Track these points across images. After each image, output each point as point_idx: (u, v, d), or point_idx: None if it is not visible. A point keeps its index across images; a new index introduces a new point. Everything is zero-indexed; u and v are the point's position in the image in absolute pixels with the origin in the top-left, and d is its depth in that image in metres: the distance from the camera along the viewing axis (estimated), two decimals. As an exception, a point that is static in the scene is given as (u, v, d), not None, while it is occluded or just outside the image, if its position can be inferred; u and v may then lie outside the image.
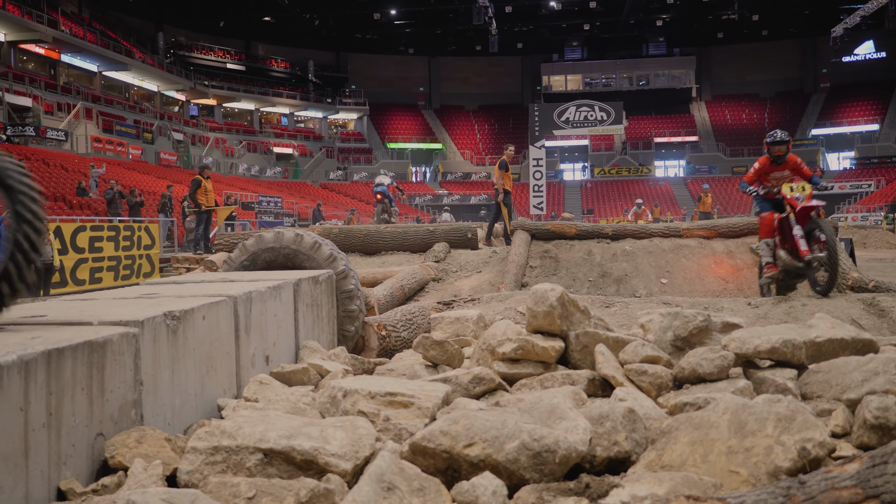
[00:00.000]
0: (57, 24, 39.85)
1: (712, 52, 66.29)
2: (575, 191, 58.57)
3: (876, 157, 55.70)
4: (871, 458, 1.56)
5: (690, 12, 58.47)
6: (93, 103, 41.60)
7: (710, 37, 64.03)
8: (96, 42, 43.41)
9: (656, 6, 57.83)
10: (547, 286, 3.15)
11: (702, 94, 66.64)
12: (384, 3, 55.40)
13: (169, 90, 52.94)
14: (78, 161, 31.89)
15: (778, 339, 2.74)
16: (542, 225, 10.06)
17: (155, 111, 49.37)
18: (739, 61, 65.69)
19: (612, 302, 6.01)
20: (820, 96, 63.79)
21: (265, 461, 2.00)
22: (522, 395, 2.67)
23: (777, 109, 64.39)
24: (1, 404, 1.72)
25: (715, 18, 59.88)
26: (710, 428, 2.08)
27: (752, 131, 62.64)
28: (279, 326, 3.54)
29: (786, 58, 65.01)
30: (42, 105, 36.70)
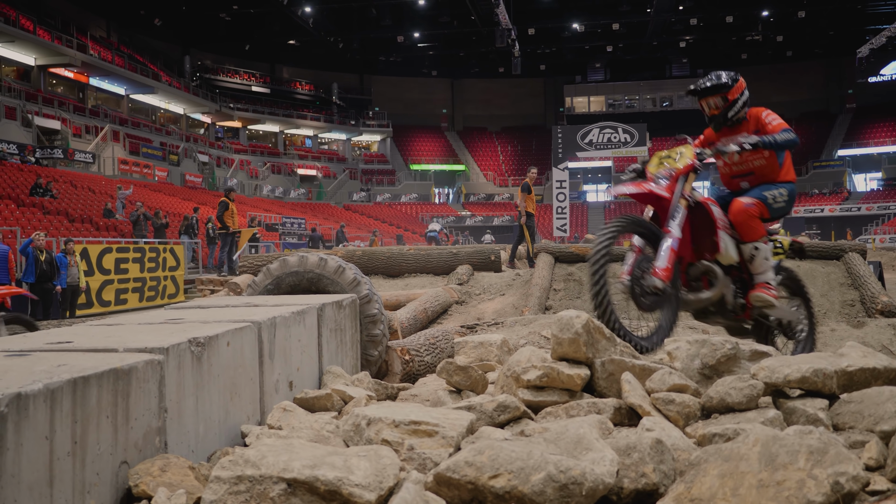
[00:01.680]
0: (86, 49, 40.60)
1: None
2: (598, 212, 58.41)
3: (904, 178, 55.15)
4: (908, 495, 1.52)
5: (714, 33, 58.40)
6: (120, 126, 42.23)
7: (733, 58, 63.83)
8: (124, 66, 44.16)
9: (679, 28, 57.83)
10: (572, 313, 3.12)
11: (726, 115, 66.30)
12: (407, 26, 55.87)
13: (195, 112, 53.62)
14: (105, 183, 32.34)
15: (808, 368, 2.69)
16: (566, 247, 10.02)
17: (181, 133, 50.00)
18: (764, 82, 65.36)
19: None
20: (846, 117, 63.31)
21: (289, 491, 1.98)
22: (548, 424, 2.64)
23: (802, 130, 63.88)
24: (27, 433, 1.72)
25: (739, 39, 59.76)
26: (739, 460, 2.04)
27: (776, 152, 62.07)
28: (303, 352, 3.53)
29: (811, 79, 64.66)
30: (70, 128, 37.34)
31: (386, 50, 61.94)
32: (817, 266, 8.89)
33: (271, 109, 59.09)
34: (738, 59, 63.85)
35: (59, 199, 24.79)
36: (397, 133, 65.39)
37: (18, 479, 1.70)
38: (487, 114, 69.28)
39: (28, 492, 1.72)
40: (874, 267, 9.14)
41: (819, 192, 57.15)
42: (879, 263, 9.79)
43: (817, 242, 10.06)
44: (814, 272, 8.77)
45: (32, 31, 36.99)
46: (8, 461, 1.67)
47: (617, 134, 50.36)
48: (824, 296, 8.34)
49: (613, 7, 54.29)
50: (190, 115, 53.42)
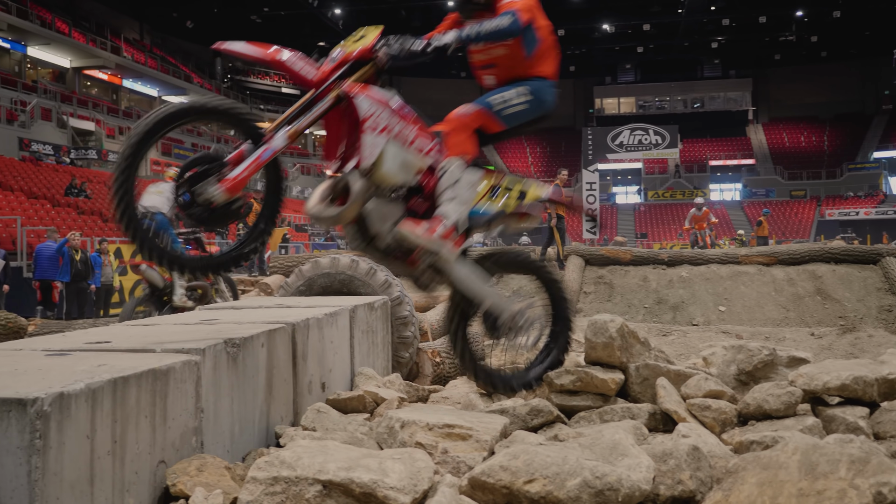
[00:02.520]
0: (119, 51, 41.19)
1: (769, 74, 65.27)
2: (628, 214, 58.01)
3: (944, 181, 54.17)
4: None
5: (746, 34, 57.73)
6: (153, 127, 42.72)
7: (766, 59, 63.07)
8: (156, 68, 44.72)
9: (711, 28, 57.26)
10: (606, 317, 3.10)
11: (758, 116, 65.58)
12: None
13: (226, 114, 54.02)
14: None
15: (848, 375, 2.65)
16: (597, 250, 9.97)
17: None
18: (797, 83, 64.52)
19: (670, 331, 5.92)
20: (882, 118, 62.27)
21: (324, 493, 1.99)
22: (582, 429, 2.63)
23: (837, 132, 63.03)
24: (69, 432, 1.74)
25: (772, 40, 59.02)
26: (779, 468, 2.01)
27: (811, 155, 61.39)
28: (335, 353, 3.55)
29: (845, 79, 63.67)
30: (104, 129, 37.89)
31: (416, 51, 62.07)
32: (853, 270, 8.76)
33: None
34: (771, 59, 63.07)
35: (93, 199, 25.14)
36: (427, 134, 65.48)
37: (61, 478, 1.72)
38: (516, 115, 69.09)
39: (70, 490, 1.74)
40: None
41: (854, 194, 56.25)
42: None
43: (853, 247, 9.92)
44: (850, 277, 8.64)
45: (68, 34, 37.60)
46: (51, 459, 1.69)
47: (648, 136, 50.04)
48: (861, 301, 8.22)
49: (644, 7, 53.87)
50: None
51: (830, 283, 8.54)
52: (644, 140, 49.44)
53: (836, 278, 8.61)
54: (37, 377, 1.91)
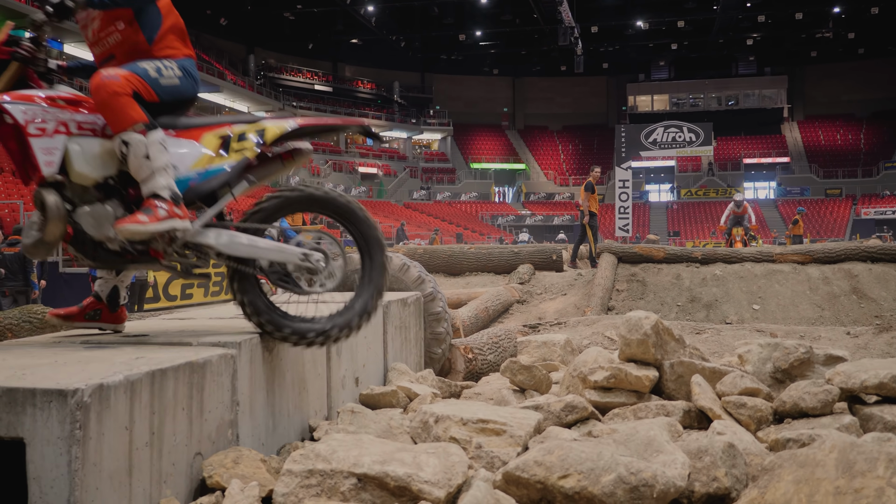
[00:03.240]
0: (155, 49, 41.65)
1: (805, 71, 64.33)
2: (661, 212, 57.54)
3: (981, 179, 53.07)
4: None
5: (782, 31, 56.92)
6: (188, 124, 43.20)
7: (802, 56, 62.13)
8: (192, 65, 45.17)
9: (746, 25, 56.53)
10: (641, 314, 3.08)
11: (794, 114, 64.67)
12: (469, 24, 55.87)
13: (259, 111, 54.50)
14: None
15: (887, 373, 2.61)
16: (629, 248, 9.90)
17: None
18: (834, 80, 63.49)
19: (703, 329, 5.86)
20: (921, 116, 61.16)
21: (359, 486, 2.00)
22: (616, 426, 2.61)
23: (873, 130, 61.95)
24: (108, 423, 1.77)
25: (808, 37, 58.14)
26: (815, 466, 1.99)
27: (846, 153, 60.42)
28: (368, 348, 3.56)
29: (883, 77, 62.51)
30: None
31: (447, 48, 62.03)
32: (890, 269, 8.60)
33: (333, 108, 59.70)
34: (808, 56, 62.12)
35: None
36: (458, 132, 65.44)
37: (100, 468, 1.75)
38: (549, 112, 68.82)
39: (109, 480, 1.77)
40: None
41: (891, 193, 55.27)
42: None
43: (890, 245, 9.74)
44: (886, 276, 8.49)
45: (103, 33, 38.10)
46: (90, 450, 1.72)
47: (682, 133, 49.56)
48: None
49: (678, 4, 53.36)
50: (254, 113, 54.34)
51: (866, 282, 8.39)
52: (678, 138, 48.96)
53: (873, 277, 8.47)
54: (76, 369, 1.94)
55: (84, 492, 1.69)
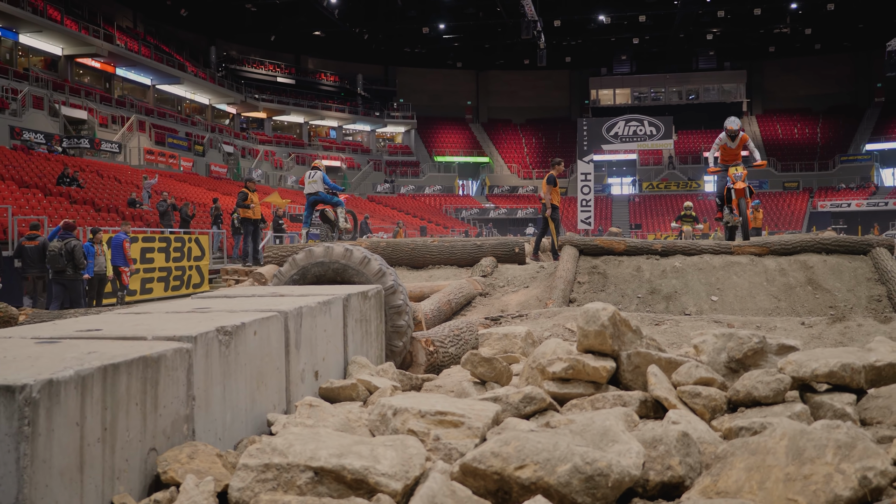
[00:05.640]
0: (113, 39, 40.96)
1: (764, 65, 65.35)
2: (623, 205, 58.11)
3: (933, 173, 54.40)
4: (939, 491, 1.50)
5: (741, 26, 57.75)
6: (146, 116, 42.59)
7: (761, 50, 63.11)
8: (150, 56, 44.50)
9: (707, 20, 57.22)
10: (598, 305, 3.10)
11: (753, 108, 65.69)
12: (433, 17, 55.80)
13: (220, 103, 53.96)
14: (131, 173, 32.65)
15: (836, 362, 2.67)
16: (591, 240, 9.97)
17: (206, 124, 50.33)
18: (791, 75, 64.60)
19: (662, 320, 5.92)
20: (874, 111, 62.44)
21: (316, 479, 1.99)
22: (573, 416, 2.63)
23: (830, 124, 63.16)
24: (58, 419, 1.74)
25: (766, 32, 59.05)
26: (766, 454, 2.03)
27: (804, 146, 61.51)
28: (328, 342, 3.55)
29: (839, 72, 63.78)
30: (97, 118, 37.72)
31: (411, 41, 61.91)
32: (844, 261, 8.78)
33: (296, 100, 59.30)
34: (766, 51, 63.12)
35: (85, 188, 25.05)
36: (422, 125, 65.40)
37: (50, 465, 1.72)
38: (512, 106, 69.07)
39: (59, 477, 1.74)
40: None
41: (846, 186, 56.46)
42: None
43: (844, 237, 9.94)
44: (841, 267, 8.67)
45: (60, 22, 37.35)
46: (40, 447, 1.69)
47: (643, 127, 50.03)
48: (851, 290, 8.24)
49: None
50: (215, 105, 53.74)
51: (821, 274, 8.56)
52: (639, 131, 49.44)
53: (827, 268, 8.64)
54: (26, 364, 1.91)
55: (33, 489, 1.66)
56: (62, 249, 12.25)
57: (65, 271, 12.26)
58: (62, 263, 12.23)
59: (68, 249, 12.30)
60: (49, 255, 12.25)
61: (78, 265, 12.42)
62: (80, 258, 12.43)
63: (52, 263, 12.27)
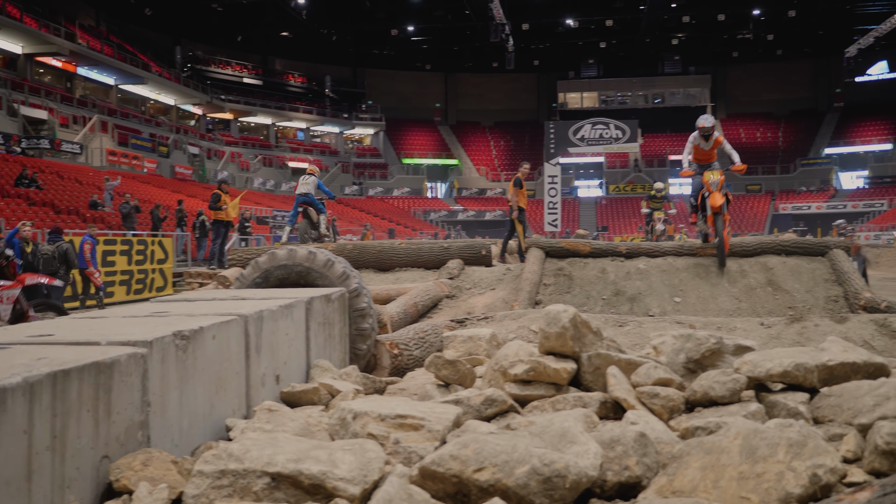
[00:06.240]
0: (74, 38, 40.29)
1: (728, 70, 66.24)
2: (590, 207, 58.49)
3: (889, 177, 55.60)
4: (882, 486, 1.53)
5: (706, 31, 58.50)
6: (108, 116, 41.98)
7: (725, 56, 63.99)
8: (113, 55, 43.88)
9: (672, 25, 57.90)
10: (559, 307, 3.12)
11: (717, 112, 66.51)
12: (401, 19, 55.77)
13: (185, 104, 53.40)
14: (92, 174, 32.15)
15: (790, 362, 2.71)
16: (556, 242, 10.01)
17: (171, 125, 49.77)
18: (754, 80, 65.56)
19: (626, 321, 5.97)
20: (834, 115, 63.62)
21: (272, 485, 1.98)
22: (534, 418, 2.64)
23: (791, 128, 64.19)
24: (4, 427, 1.71)
25: (730, 37, 59.90)
26: (721, 453, 2.05)
27: (766, 150, 62.45)
28: (290, 345, 3.52)
29: (800, 77, 64.87)
30: (57, 118, 37.08)
31: (380, 43, 61.78)
32: (803, 262, 8.93)
33: (263, 101, 58.89)
34: (730, 57, 64.02)
35: (45, 189, 24.61)
36: (390, 127, 65.27)
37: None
38: (481, 108, 69.21)
39: (5, 486, 1.71)
40: (858, 263, 9.18)
41: (807, 189, 57.46)
42: (864, 259, 9.83)
43: (803, 239, 10.11)
44: (799, 268, 8.81)
45: (19, 19, 36.59)
46: (-14, 454, 1.66)
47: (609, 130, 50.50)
48: (809, 291, 8.39)
49: (607, 3, 54.32)
50: (180, 106, 53.18)
51: (781, 275, 8.69)
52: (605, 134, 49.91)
53: (787, 270, 8.77)
54: (-26, 370, 1.87)
55: (-21, 498, 1.63)
56: (55, 252, 12.57)
57: (57, 273, 12.34)
58: (55, 266, 12.42)
59: (61, 252, 12.64)
60: (42, 259, 12.34)
61: (71, 266, 12.82)
62: (74, 260, 12.87)
63: (46, 266, 12.32)
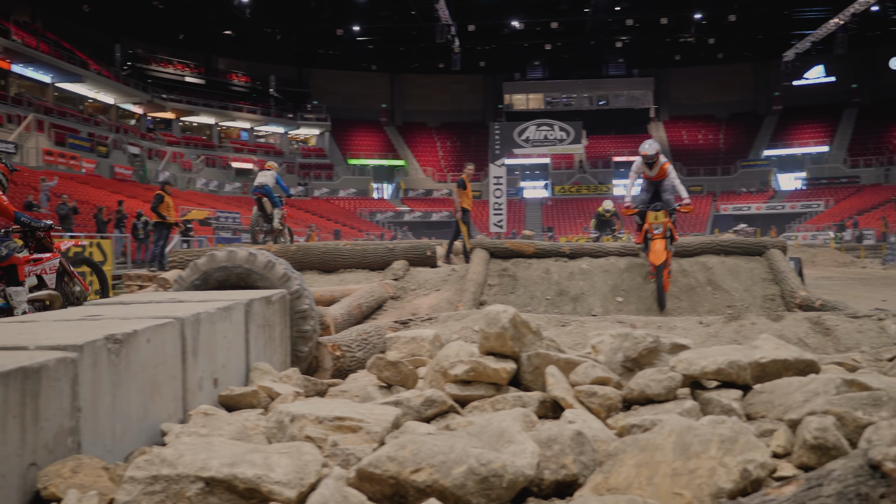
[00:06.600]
0: (8, 34, 39.14)
1: (670, 73, 67.44)
2: (536, 208, 58.97)
3: (825, 178, 57.25)
4: (807, 480, 1.57)
5: (649, 35, 59.49)
6: (45, 115, 40.87)
7: (668, 59, 65.15)
8: (50, 53, 42.71)
9: (616, 28, 58.73)
10: (499, 307, 3.14)
11: (660, 114, 67.71)
12: (347, 19, 55.46)
13: (125, 103, 52.29)
14: (28, 174, 31.26)
15: (724, 360, 2.77)
16: (501, 243, 10.08)
17: (110, 124, 48.70)
18: (696, 83, 66.89)
19: (568, 321, 6.03)
20: (772, 118, 65.27)
21: (206, 490, 1.95)
22: (473, 418, 2.65)
23: (732, 130, 65.65)
24: (-75, 434, 1.65)
25: (673, 41, 60.99)
26: (655, 450, 2.08)
27: (707, 152, 63.75)
28: (229, 348, 3.47)
29: (740, 80, 66.40)
30: (-9, 117, 36.01)
31: (325, 43, 61.35)
32: (741, 262, 9.15)
33: (206, 101, 58.00)
34: (672, 60, 65.18)
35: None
36: (336, 127, 64.88)
37: (-84, 482, 1.63)
38: (427, 109, 69.25)
39: (-74, 495, 1.66)
40: (794, 263, 9.43)
41: (747, 190, 58.86)
42: (799, 259, 10.11)
43: (741, 239, 10.36)
44: (738, 268, 9.02)
45: (-51, 16, 35.52)
46: None
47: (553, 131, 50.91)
48: (747, 290, 8.59)
49: (552, 6, 54.80)
50: (120, 105, 52.07)
51: (720, 274, 8.90)
52: (549, 135, 50.31)
53: (726, 269, 8.98)
54: None
55: None
56: None
57: None
58: None
59: None
60: None
61: None
62: None
63: None
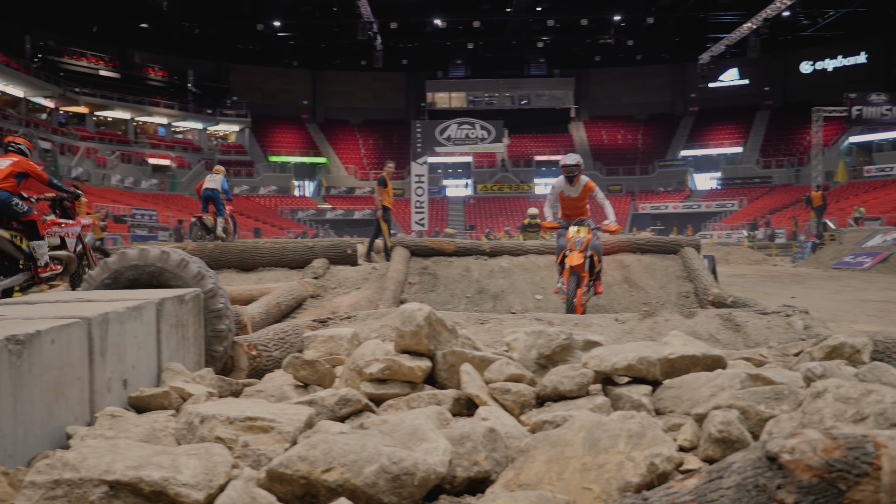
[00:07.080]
0: None
1: (590, 74, 68.68)
2: (458, 207, 59.24)
3: (739, 178, 59.22)
4: (708, 473, 1.62)
5: (570, 35, 60.41)
6: (-51, 108, 39.05)
7: (588, 59, 66.31)
8: (-49, 45, 40.82)
9: (537, 28, 59.45)
10: (415, 306, 3.15)
11: (580, 114, 68.88)
12: (267, 14, 54.60)
13: (36, 96, 50.36)
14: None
15: (634, 356, 2.85)
16: (422, 241, 10.11)
17: (20, 118, 46.84)
18: (615, 84, 68.31)
19: (487, 319, 6.08)
20: (689, 119, 67.15)
21: (111, 494, 1.90)
22: (387, 417, 2.66)
23: (650, 131, 67.28)
24: None
25: (593, 42, 62.11)
26: (565, 445, 2.13)
27: (626, 151, 65.18)
28: (139, 348, 3.39)
29: (658, 82, 68.11)
30: None
31: (245, 38, 60.24)
32: (657, 260, 9.40)
33: (121, 95, 56.29)
34: (593, 60, 66.38)
35: None
36: (256, 124, 63.85)
37: None
38: (349, 106, 68.80)
39: None
40: (708, 261, 9.74)
41: (664, 189, 60.43)
42: (713, 258, 10.44)
43: (657, 238, 10.63)
44: (654, 266, 9.26)
45: None
46: None
47: (474, 130, 51.27)
48: (662, 288, 8.83)
49: (474, 5, 55.10)
50: (30, 98, 50.11)
51: (636, 272, 9.12)
52: (471, 134, 50.64)
53: (642, 267, 9.21)
54: None
55: None
56: None
57: None
58: None
59: None
60: None
61: None
62: None
63: None
